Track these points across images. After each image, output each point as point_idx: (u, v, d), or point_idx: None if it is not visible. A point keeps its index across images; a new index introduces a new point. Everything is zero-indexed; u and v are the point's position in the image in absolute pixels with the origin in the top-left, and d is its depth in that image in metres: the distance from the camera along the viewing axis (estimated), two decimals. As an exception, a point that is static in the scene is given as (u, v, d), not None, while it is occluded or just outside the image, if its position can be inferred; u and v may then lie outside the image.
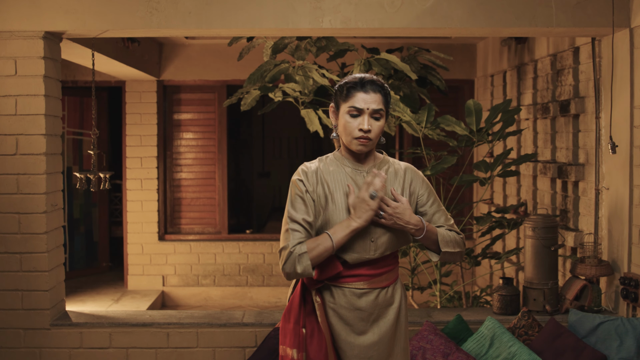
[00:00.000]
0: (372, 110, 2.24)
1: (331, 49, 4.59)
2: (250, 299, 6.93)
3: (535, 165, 5.19)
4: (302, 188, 2.30)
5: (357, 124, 2.25)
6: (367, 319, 2.32)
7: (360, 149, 2.27)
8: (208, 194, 7.08)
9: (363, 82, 2.26)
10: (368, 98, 2.24)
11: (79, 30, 3.80)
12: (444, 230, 2.37)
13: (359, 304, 2.31)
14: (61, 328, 3.84)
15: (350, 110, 2.25)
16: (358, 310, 2.31)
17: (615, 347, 3.46)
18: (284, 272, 2.23)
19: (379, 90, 2.27)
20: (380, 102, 2.26)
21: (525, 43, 5.52)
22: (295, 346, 2.29)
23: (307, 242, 2.22)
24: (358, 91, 2.25)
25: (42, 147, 3.78)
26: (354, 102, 2.25)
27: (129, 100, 6.87)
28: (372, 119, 2.25)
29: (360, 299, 2.31)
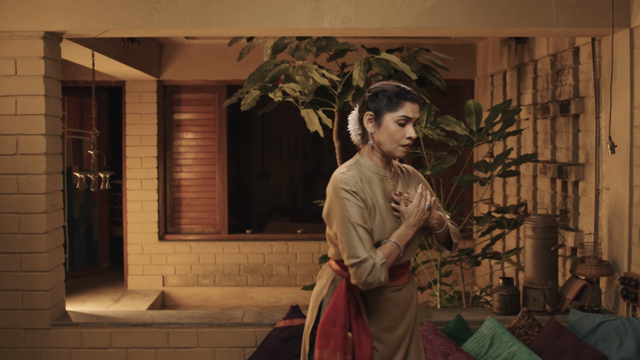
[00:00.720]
0: (415, 119, 2.39)
1: (331, 49, 4.59)
2: (250, 299, 6.93)
3: (535, 165, 5.19)
4: (356, 198, 2.32)
5: (404, 133, 2.36)
6: (402, 313, 2.44)
7: (403, 155, 2.41)
8: (208, 194, 7.08)
9: (409, 93, 2.38)
10: (415, 107, 2.38)
11: (79, 30, 3.80)
12: (449, 223, 2.54)
13: (398, 300, 2.42)
14: (61, 328, 3.84)
15: (400, 119, 2.36)
16: (397, 306, 2.42)
17: (615, 347, 3.46)
18: (365, 283, 2.25)
19: (417, 102, 2.40)
20: (418, 111, 2.41)
21: (525, 43, 5.52)
22: (341, 349, 2.31)
23: (380, 252, 2.29)
24: (407, 101, 2.36)
25: (42, 147, 3.78)
26: (405, 111, 2.36)
27: (129, 100, 6.87)
28: (413, 128, 2.40)
29: (398, 295, 2.42)
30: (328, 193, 2.36)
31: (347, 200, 2.29)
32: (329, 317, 2.34)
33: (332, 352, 2.32)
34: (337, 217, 2.30)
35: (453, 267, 5.61)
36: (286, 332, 3.68)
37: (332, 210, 2.33)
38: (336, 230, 2.31)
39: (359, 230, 2.27)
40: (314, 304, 2.46)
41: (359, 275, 2.24)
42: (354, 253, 2.25)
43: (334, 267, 2.45)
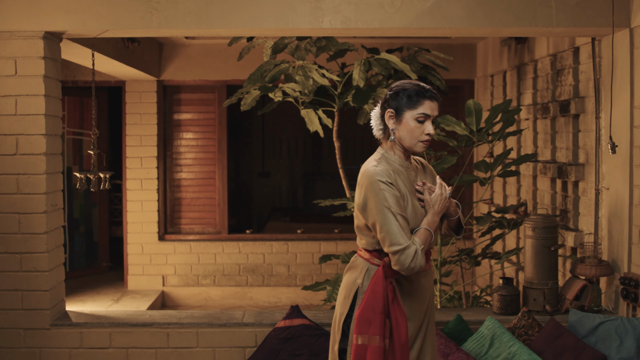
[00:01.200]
0: (434, 116, 2.54)
1: (331, 49, 4.59)
2: (250, 299, 6.93)
3: (535, 165, 5.19)
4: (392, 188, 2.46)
5: (424, 129, 2.51)
6: (429, 296, 2.61)
7: (423, 150, 2.55)
8: (208, 194, 7.08)
9: (428, 91, 2.52)
10: (433, 106, 2.53)
11: (79, 30, 3.80)
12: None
13: (425, 284, 2.59)
14: (61, 328, 3.84)
15: (419, 117, 2.50)
16: (426, 290, 2.59)
17: (615, 347, 3.46)
18: (408, 268, 2.40)
19: (436, 100, 2.56)
20: (437, 108, 2.56)
21: (525, 43, 5.52)
22: (380, 334, 2.44)
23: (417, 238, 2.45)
24: (426, 99, 2.51)
25: (42, 147, 3.78)
26: (424, 109, 2.51)
27: (129, 100, 6.87)
28: (432, 124, 2.54)
29: (427, 279, 2.60)
30: (362, 186, 2.48)
31: (384, 191, 2.42)
32: (368, 304, 2.46)
33: (372, 336, 2.44)
34: (375, 208, 2.42)
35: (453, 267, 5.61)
36: (286, 332, 3.68)
37: (369, 201, 2.44)
38: (375, 221, 2.43)
39: (398, 219, 2.41)
40: (347, 293, 2.55)
41: (402, 261, 2.38)
42: (396, 241, 2.39)
43: (365, 257, 2.56)
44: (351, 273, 2.59)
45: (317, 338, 3.64)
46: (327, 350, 3.57)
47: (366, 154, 9.73)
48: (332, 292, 4.40)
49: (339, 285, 4.44)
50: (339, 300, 2.59)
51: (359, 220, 2.54)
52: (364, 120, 4.92)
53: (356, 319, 2.47)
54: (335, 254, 6.59)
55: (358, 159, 9.09)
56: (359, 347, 2.45)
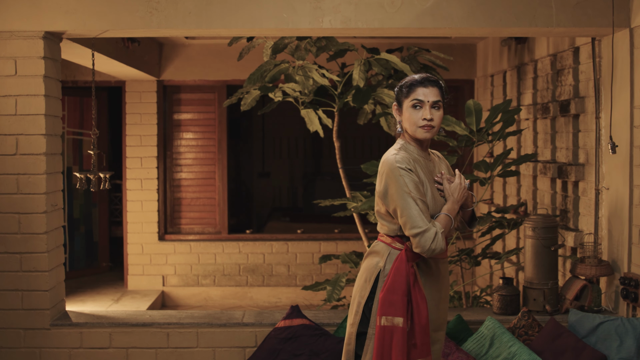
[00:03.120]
0: (432, 102, 2.58)
1: (331, 49, 4.59)
2: (250, 299, 6.93)
3: (535, 165, 5.19)
4: (411, 174, 2.55)
5: (420, 115, 2.58)
6: (445, 283, 2.70)
7: (425, 135, 2.60)
8: (208, 194, 7.08)
9: (422, 78, 2.61)
10: (427, 91, 2.59)
11: (79, 30, 3.80)
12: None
13: (444, 272, 2.68)
14: (61, 328, 3.84)
15: (413, 103, 2.59)
16: (444, 278, 2.68)
17: (615, 347, 3.46)
18: (428, 250, 2.49)
19: (436, 85, 2.61)
20: (438, 94, 2.60)
21: (525, 43, 5.52)
22: (403, 315, 2.52)
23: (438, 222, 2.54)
24: (418, 87, 2.60)
25: (42, 147, 3.78)
26: (416, 95, 2.59)
27: (129, 100, 6.87)
28: (433, 109, 2.59)
29: (445, 266, 2.70)
30: (383, 173, 2.59)
31: (404, 177, 2.53)
32: (391, 286, 2.54)
33: (395, 317, 2.53)
34: (396, 193, 2.53)
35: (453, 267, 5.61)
36: (286, 332, 3.68)
37: (390, 187, 2.55)
38: (396, 206, 2.53)
39: (418, 203, 2.51)
40: (369, 276, 2.63)
41: (422, 243, 2.48)
42: (417, 224, 2.49)
43: (387, 242, 2.65)
44: (372, 257, 2.67)
45: (317, 338, 3.64)
46: (327, 350, 3.57)
47: (366, 154, 9.78)
48: (332, 292, 4.40)
49: (339, 285, 4.44)
50: (359, 284, 2.66)
51: (380, 207, 2.64)
52: (364, 120, 4.92)
53: (380, 300, 2.54)
54: (335, 254, 6.59)
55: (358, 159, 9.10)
56: (383, 329, 2.53)
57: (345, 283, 4.46)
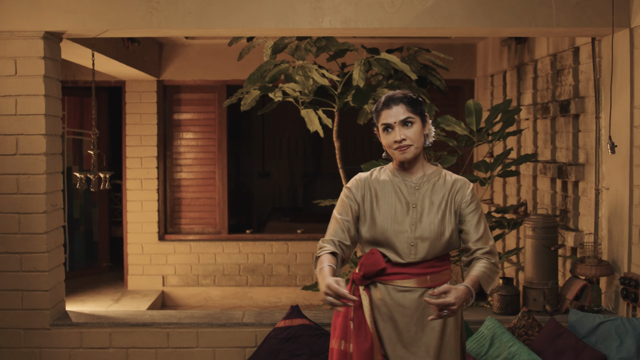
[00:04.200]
0: (400, 121, 2.43)
1: (331, 49, 4.59)
2: (250, 299, 6.93)
3: (535, 165, 5.19)
4: (347, 193, 2.53)
5: (392, 138, 2.44)
6: (410, 316, 2.43)
7: (404, 156, 2.45)
8: (208, 194, 7.08)
9: (386, 99, 2.47)
10: (392, 112, 2.44)
11: (79, 30, 3.80)
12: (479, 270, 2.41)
13: (402, 301, 2.44)
14: (61, 328, 3.84)
15: (383, 127, 2.46)
16: (402, 307, 2.43)
17: (615, 347, 3.46)
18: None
19: (401, 101, 2.44)
20: (405, 111, 2.43)
21: (525, 43, 5.52)
22: (343, 338, 2.45)
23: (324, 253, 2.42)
24: (383, 110, 2.46)
25: (42, 147, 3.78)
26: (383, 119, 2.46)
27: (129, 100, 6.87)
28: (404, 127, 2.43)
29: (404, 296, 2.44)
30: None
31: (341, 195, 2.55)
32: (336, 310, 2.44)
33: (337, 340, 2.47)
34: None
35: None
36: (286, 332, 3.68)
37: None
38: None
39: (335, 221, 2.51)
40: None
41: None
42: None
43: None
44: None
45: (317, 338, 3.64)
46: (327, 350, 3.57)
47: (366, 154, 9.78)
48: (332, 292, 4.39)
49: (339, 285, 4.43)
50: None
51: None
52: (364, 121, 4.92)
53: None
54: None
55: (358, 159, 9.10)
56: (329, 350, 2.52)
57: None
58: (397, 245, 2.43)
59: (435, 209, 2.45)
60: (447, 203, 2.47)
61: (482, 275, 2.40)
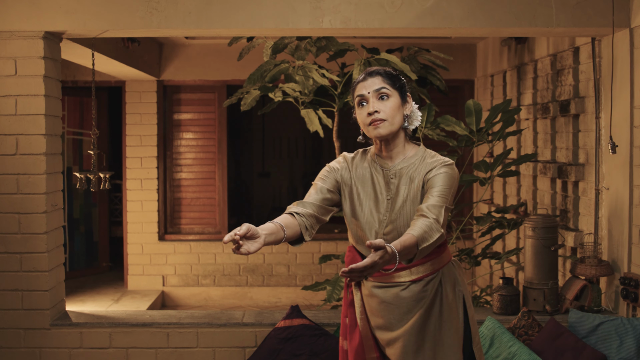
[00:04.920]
0: (374, 90, 2.26)
1: (331, 49, 4.59)
2: (250, 299, 6.93)
3: (535, 165, 5.19)
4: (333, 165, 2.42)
5: (365, 111, 2.28)
6: (395, 311, 2.31)
7: (377, 132, 2.26)
8: (208, 194, 7.08)
9: (362, 74, 2.33)
10: (367, 83, 2.28)
11: (79, 30, 3.80)
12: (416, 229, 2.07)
13: (384, 297, 2.32)
14: (61, 328, 3.84)
15: (358, 100, 2.30)
16: (385, 303, 2.32)
17: (615, 347, 3.46)
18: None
19: (377, 74, 2.30)
20: (381, 81, 2.27)
21: (525, 43, 5.52)
22: (343, 335, 2.39)
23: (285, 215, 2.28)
24: (359, 83, 2.32)
25: (42, 147, 3.78)
26: (358, 91, 2.30)
27: (129, 100, 6.87)
28: (379, 101, 2.26)
29: (385, 292, 2.32)
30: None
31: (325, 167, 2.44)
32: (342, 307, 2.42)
33: (342, 338, 2.42)
34: None
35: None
36: (286, 332, 3.68)
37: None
38: None
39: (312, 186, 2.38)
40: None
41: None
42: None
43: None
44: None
45: (317, 338, 3.64)
46: (326, 350, 3.57)
47: (366, 154, 9.76)
48: (332, 292, 4.40)
49: (339, 285, 4.44)
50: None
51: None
52: (364, 120, 4.91)
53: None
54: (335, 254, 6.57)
55: (358, 159, 9.08)
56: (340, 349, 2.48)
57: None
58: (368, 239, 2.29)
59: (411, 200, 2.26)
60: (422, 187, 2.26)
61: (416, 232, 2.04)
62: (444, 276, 2.36)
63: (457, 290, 2.37)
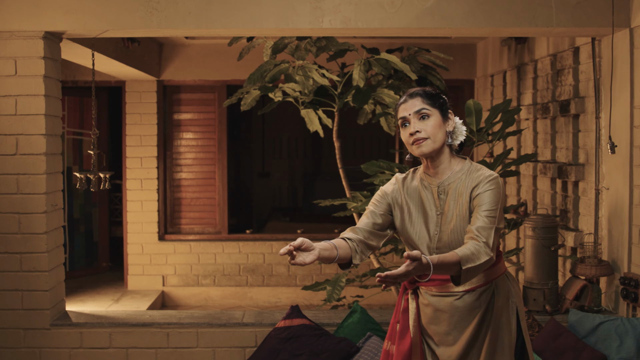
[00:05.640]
0: (414, 112, 2.35)
1: (331, 49, 4.59)
2: (250, 299, 6.93)
3: (535, 165, 5.19)
4: (385, 189, 2.48)
5: (407, 132, 2.36)
6: (448, 320, 2.37)
7: (420, 151, 2.34)
8: (208, 194, 7.08)
9: (403, 96, 2.41)
10: (408, 105, 2.37)
11: (79, 30, 3.80)
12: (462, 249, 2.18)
13: (438, 306, 2.38)
14: (61, 328, 3.84)
15: (401, 122, 2.39)
16: (439, 311, 2.38)
17: (615, 347, 3.46)
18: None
19: (417, 95, 2.38)
20: (421, 102, 2.35)
21: (525, 43, 5.52)
22: (390, 339, 2.46)
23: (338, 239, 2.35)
24: (400, 106, 2.40)
25: (42, 147, 3.78)
26: (399, 114, 2.39)
27: (129, 100, 6.87)
28: (420, 121, 2.34)
29: (439, 301, 2.38)
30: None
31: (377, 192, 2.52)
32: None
33: (387, 340, 2.49)
34: None
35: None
36: (286, 332, 3.68)
37: None
38: None
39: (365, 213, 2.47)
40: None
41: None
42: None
43: None
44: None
45: (317, 338, 3.64)
46: (327, 350, 3.57)
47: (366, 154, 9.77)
48: (332, 292, 4.40)
49: (339, 285, 4.44)
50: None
51: None
52: (363, 121, 4.92)
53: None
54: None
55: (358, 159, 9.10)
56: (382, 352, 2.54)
57: (345, 283, 4.46)
58: (422, 250, 2.36)
59: (457, 215, 2.33)
60: (470, 202, 2.32)
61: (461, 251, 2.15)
62: (497, 287, 2.41)
63: (510, 302, 2.42)
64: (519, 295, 2.46)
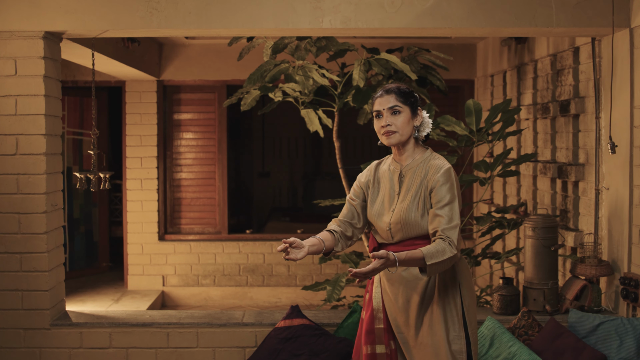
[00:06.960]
0: (388, 108, 2.67)
1: (331, 49, 4.59)
2: (250, 299, 6.93)
3: (535, 165, 5.19)
4: (360, 177, 2.86)
5: (379, 124, 2.70)
6: (397, 289, 2.69)
7: (388, 141, 2.69)
8: (208, 194, 7.08)
9: (380, 90, 2.74)
10: (383, 100, 2.70)
11: (79, 30, 3.80)
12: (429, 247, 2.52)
13: (388, 276, 2.72)
14: (61, 328, 3.84)
15: (375, 114, 2.73)
16: (390, 282, 2.71)
17: (615, 347, 3.46)
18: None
19: (392, 92, 2.70)
20: (394, 99, 2.68)
21: (525, 43, 5.52)
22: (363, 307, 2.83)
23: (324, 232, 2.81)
24: (376, 99, 2.73)
25: (42, 147, 3.78)
26: (374, 107, 2.73)
27: (129, 100, 6.87)
28: (392, 116, 2.67)
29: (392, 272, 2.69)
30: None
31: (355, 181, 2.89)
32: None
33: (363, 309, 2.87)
34: None
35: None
36: (286, 332, 3.68)
37: None
38: None
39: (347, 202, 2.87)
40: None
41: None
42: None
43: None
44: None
45: (317, 338, 3.64)
46: (326, 350, 3.57)
47: (366, 154, 9.78)
48: (332, 292, 4.40)
49: (339, 285, 4.44)
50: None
51: None
52: (364, 120, 4.92)
53: None
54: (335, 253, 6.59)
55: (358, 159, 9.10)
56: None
57: (345, 283, 4.46)
58: (380, 229, 2.73)
59: (412, 195, 2.66)
60: (423, 188, 2.65)
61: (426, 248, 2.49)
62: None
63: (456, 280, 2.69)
64: (465, 275, 2.71)
